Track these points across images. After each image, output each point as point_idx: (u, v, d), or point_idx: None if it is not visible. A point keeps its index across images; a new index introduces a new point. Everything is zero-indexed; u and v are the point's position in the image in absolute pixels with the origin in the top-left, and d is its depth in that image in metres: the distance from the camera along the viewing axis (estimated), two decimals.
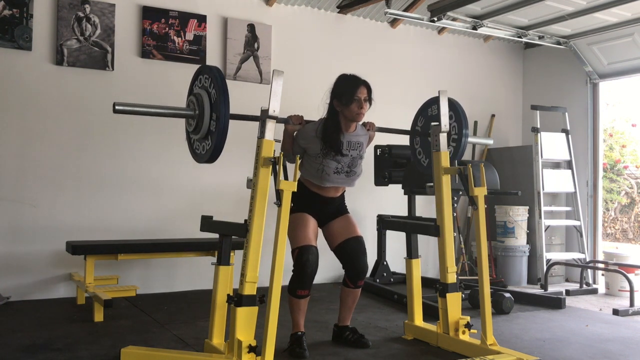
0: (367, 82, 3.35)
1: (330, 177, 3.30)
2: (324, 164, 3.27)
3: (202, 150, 2.92)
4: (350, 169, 3.36)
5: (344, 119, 3.32)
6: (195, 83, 2.98)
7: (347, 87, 3.30)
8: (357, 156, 3.39)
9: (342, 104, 3.29)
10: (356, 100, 3.27)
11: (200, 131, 2.86)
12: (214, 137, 2.78)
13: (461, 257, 5.98)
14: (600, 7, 5.05)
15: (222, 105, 2.74)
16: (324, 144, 3.26)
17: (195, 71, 3.01)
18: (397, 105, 6.14)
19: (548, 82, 6.72)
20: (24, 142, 4.53)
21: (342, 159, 3.31)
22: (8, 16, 4.46)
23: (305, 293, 3.23)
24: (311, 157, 3.30)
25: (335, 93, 3.34)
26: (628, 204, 10.40)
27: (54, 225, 4.58)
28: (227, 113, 2.75)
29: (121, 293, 4.07)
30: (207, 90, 2.85)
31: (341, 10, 5.82)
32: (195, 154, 3.00)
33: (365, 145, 3.46)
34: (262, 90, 5.26)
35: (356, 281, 3.40)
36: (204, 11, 5.20)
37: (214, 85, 2.79)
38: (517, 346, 3.42)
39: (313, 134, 3.28)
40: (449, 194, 3.45)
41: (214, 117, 2.78)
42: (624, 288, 5.10)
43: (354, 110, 3.28)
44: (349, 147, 3.33)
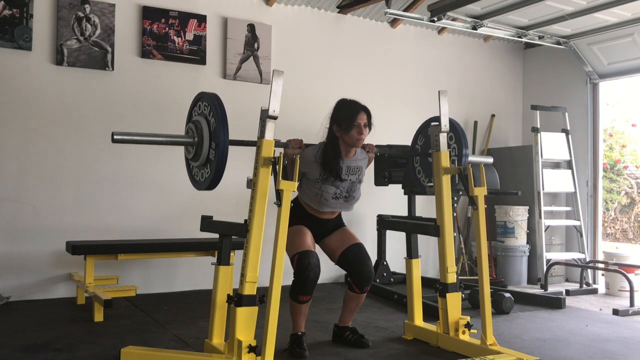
0: (366, 108, 3.35)
1: (328, 202, 3.31)
2: (322, 189, 3.28)
3: (201, 177, 2.94)
4: (349, 194, 3.37)
5: (344, 144, 3.32)
6: (194, 109, 3.00)
7: (347, 113, 3.30)
8: (356, 180, 3.40)
9: (342, 130, 3.29)
10: (356, 126, 3.27)
11: (199, 159, 2.88)
12: (213, 165, 2.81)
13: (461, 257, 5.98)
14: (600, 7, 5.05)
15: (222, 134, 2.76)
16: (323, 169, 3.26)
17: (194, 98, 3.03)
18: (397, 106, 6.15)
19: (548, 82, 6.72)
20: (24, 142, 4.53)
21: (341, 184, 3.32)
22: (8, 16, 4.46)
23: (307, 298, 3.23)
24: (310, 182, 3.31)
25: (335, 119, 3.33)
26: (628, 204, 10.41)
27: (54, 225, 4.58)
28: (227, 142, 2.77)
29: (121, 293, 4.07)
30: (206, 117, 2.87)
31: (341, 10, 5.82)
32: (195, 180, 3.03)
33: (365, 168, 3.47)
34: (262, 90, 5.27)
35: (363, 287, 3.38)
36: (204, 11, 5.20)
37: (213, 114, 2.80)
38: (517, 346, 3.42)
39: (312, 159, 3.28)
40: (449, 194, 3.45)
41: (213, 146, 2.81)
42: (624, 288, 5.10)
43: (354, 137, 3.28)
44: (348, 172, 3.34)
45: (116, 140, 2.70)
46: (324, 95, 5.77)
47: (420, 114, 6.08)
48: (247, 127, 5.03)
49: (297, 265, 3.17)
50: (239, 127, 5.21)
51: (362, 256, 3.37)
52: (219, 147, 2.76)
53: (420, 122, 3.92)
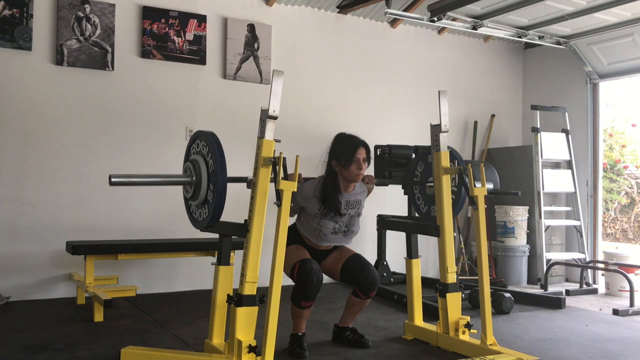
0: (365, 143, 3.36)
1: (327, 237, 3.33)
2: (321, 224, 3.30)
3: (199, 216, 2.95)
4: (348, 228, 3.38)
5: (343, 179, 3.33)
6: (192, 147, 3.00)
7: (346, 148, 3.30)
8: (355, 214, 3.40)
9: (341, 165, 3.30)
10: (355, 161, 3.28)
11: (198, 198, 2.89)
12: (211, 207, 2.82)
13: (461, 257, 5.98)
14: (600, 7, 5.05)
15: (220, 175, 2.76)
16: (322, 204, 3.27)
17: (192, 136, 3.04)
18: (397, 106, 6.16)
19: (548, 82, 6.72)
20: (24, 142, 4.53)
21: (340, 219, 3.33)
22: (8, 16, 4.46)
23: (309, 304, 3.22)
24: (309, 216, 3.32)
25: (334, 154, 3.34)
26: (628, 204, 10.40)
27: (54, 225, 4.58)
28: (225, 183, 2.77)
29: (121, 293, 4.07)
30: (204, 157, 2.88)
31: (341, 10, 5.82)
32: (194, 219, 3.04)
33: (364, 201, 3.47)
34: (262, 90, 5.27)
35: (368, 292, 3.37)
36: (204, 11, 5.20)
37: (211, 155, 2.81)
38: (517, 346, 3.42)
39: (311, 194, 3.29)
40: (449, 194, 3.45)
41: (211, 188, 2.82)
42: (624, 288, 5.09)
43: (354, 172, 3.29)
44: (347, 206, 3.35)
45: (113, 183, 2.70)
46: (324, 95, 5.79)
47: (420, 114, 6.12)
48: (247, 127, 5.04)
49: (299, 271, 3.16)
50: (239, 127, 5.24)
51: (363, 263, 3.38)
52: (217, 188, 2.78)
53: (420, 122, 3.92)
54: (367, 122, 5.94)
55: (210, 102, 5.22)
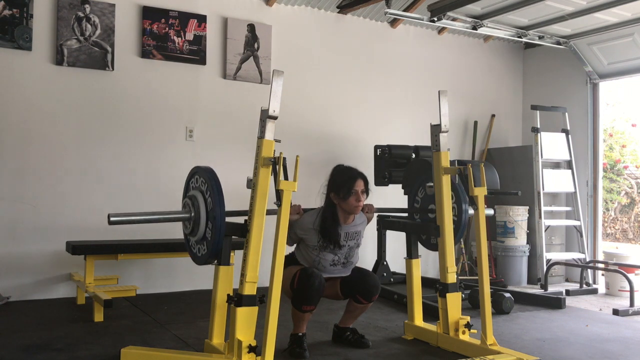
0: (363, 175, 3.37)
1: (326, 269, 3.33)
2: (320, 256, 3.30)
3: (199, 252, 2.97)
4: (347, 260, 3.39)
5: (342, 211, 3.33)
6: (191, 182, 3.02)
7: (344, 181, 3.31)
8: (354, 245, 3.41)
9: (340, 198, 3.30)
10: (354, 193, 3.28)
11: (197, 234, 2.91)
12: (209, 244, 2.84)
13: (461, 257, 5.98)
14: (600, 7, 5.05)
15: (218, 212, 2.78)
16: (321, 237, 3.27)
17: (190, 171, 3.06)
18: (397, 106, 6.16)
19: (548, 82, 6.72)
20: (24, 142, 4.53)
21: (339, 251, 3.34)
22: (8, 16, 4.46)
23: (310, 308, 3.21)
24: (308, 247, 3.32)
25: (333, 186, 3.34)
26: (628, 204, 10.40)
27: (54, 225, 4.58)
28: (223, 221, 2.79)
29: (121, 293, 4.07)
30: (202, 193, 2.89)
31: (341, 10, 5.82)
32: (193, 254, 3.05)
33: (364, 231, 3.48)
34: (262, 90, 5.27)
35: (370, 297, 3.37)
36: (204, 11, 5.20)
37: (210, 193, 2.82)
38: (517, 346, 3.42)
39: (310, 226, 3.29)
40: (449, 194, 3.45)
41: (209, 226, 2.83)
42: (624, 288, 5.09)
43: (352, 204, 3.29)
44: (346, 238, 3.35)
45: (112, 222, 2.71)
46: (324, 95, 5.79)
47: (420, 114, 6.12)
48: (247, 127, 5.04)
49: (300, 275, 3.16)
50: (239, 127, 5.24)
51: (363, 271, 3.41)
52: (215, 226, 2.79)
53: (420, 122, 3.92)
54: (367, 122, 5.95)
55: (210, 102, 5.22)
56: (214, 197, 2.80)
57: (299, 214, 3.31)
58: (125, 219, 2.76)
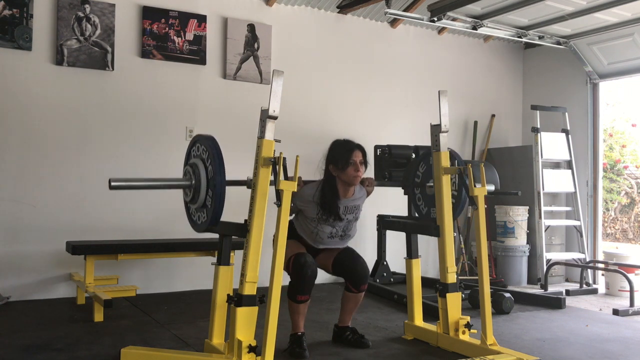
0: (361, 146, 3.38)
1: (324, 240, 3.35)
2: (318, 228, 3.32)
3: (199, 220, 2.96)
4: (345, 233, 3.41)
5: (342, 183, 3.34)
6: (192, 150, 3.01)
7: (342, 152, 3.32)
8: (353, 219, 3.43)
9: (339, 169, 3.31)
10: (352, 163, 3.29)
11: (197, 201, 2.90)
12: (210, 211, 2.83)
13: (461, 257, 5.98)
14: (600, 7, 5.05)
15: (219, 180, 2.77)
16: (321, 209, 3.29)
17: (192, 139, 3.05)
18: (397, 106, 6.16)
19: (548, 82, 6.72)
20: (24, 142, 4.53)
21: (338, 224, 3.35)
22: (8, 16, 4.46)
23: (305, 298, 3.23)
24: (307, 219, 3.34)
25: (331, 159, 3.36)
26: (628, 204, 10.40)
27: (54, 225, 4.58)
28: (223, 189, 2.78)
29: (121, 293, 4.07)
30: (203, 161, 2.88)
31: (341, 10, 5.82)
32: (193, 222, 3.05)
33: (362, 204, 3.49)
34: (262, 90, 5.27)
35: (359, 285, 3.39)
36: (204, 11, 5.20)
37: (210, 160, 2.81)
38: (517, 346, 3.42)
39: (310, 199, 3.31)
40: (449, 194, 3.45)
41: (209, 193, 2.82)
42: (624, 288, 5.09)
43: (351, 174, 3.30)
44: (345, 211, 3.37)
45: (113, 187, 2.70)
46: (324, 95, 5.79)
47: (420, 114, 6.11)
48: (247, 127, 5.04)
49: (294, 264, 3.19)
50: (239, 127, 5.23)
51: (353, 256, 3.41)
52: (215, 193, 2.78)
53: (420, 122, 3.92)
54: (367, 122, 5.94)
55: (210, 102, 5.22)
56: (215, 164, 2.79)
57: (299, 185, 3.30)
58: (125, 185, 2.76)
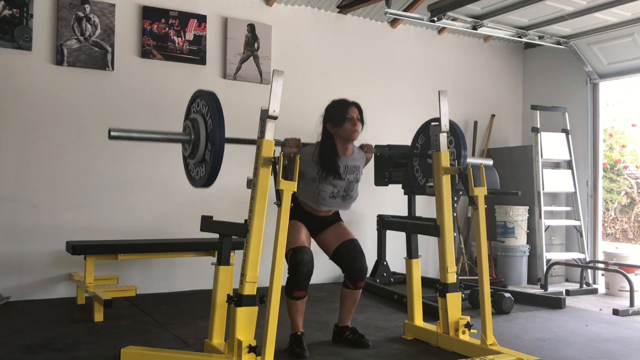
0: (357, 103, 3.39)
1: (326, 201, 3.32)
2: (320, 188, 3.29)
3: (197, 175, 2.95)
4: (347, 193, 3.38)
5: (340, 140, 3.34)
6: (192, 106, 3.00)
7: (339, 109, 3.34)
8: (354, 180, 3.40)
9: (336, 125, 3.31)
10: (349, 119, 3.30)
11: (196, 156, 2.89)
12: (208, 165, 2.81)
13: (461, 257, 5.98)
14: (600, 7, 5.05)
15: (218, 135, 2.76)
16: (321, 168, 3.27)
17: (192, 95, 3.03)
18: (397, 106, 6.16)
19: (548, 82, 6.72)
20: (24, 142, 4.53)
21: (339, 183, 3.32)
22: (8, 16, 4.46)
23: (301, 294, 3.23)
24: (308, 181, 3.32)
25: (328, 117, 3.37)
26: (628, 204, 10.41)
27: (54, 225, 4.58)
28: (222, 144, 2.77)
29: (121, 293, 4.07)
30: (203, 116, 2.87)
31: (341, 10, 5.82)
32: (191, 177, 3.03)
33: (362, 168, 3.48)
34: (262, 90, 5.27)
35: (356, 282, 3.40)
36: (204, 11, 5.20)
37: (210, 114, 2.80)
38: (517, 346, 3.42)
39: (310, 158, 3.30)
40: (449, 194, 3.45)
41: (209, 147, 2.81)
42: (624, 288, 5.09)
43: (348, 129, 3.30)
44: (345, 171, 3.35)
45: (113, 137, 2.70)
46: (324, 95, 5.74)
47: (420, 114, 6.08)
48: (247, 127, 5.04)
49: (291, 260, 3.19)
50: (239, 127, 5.21)
51: (355, 252, 3.39)
52: (214, 148, 2.76)
53: (420, 122, 3.92)
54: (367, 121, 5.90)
55: None
56: (215, 119, 2.78)
57: (298, 147, 3.30)
58: (125, 135, 2.75)
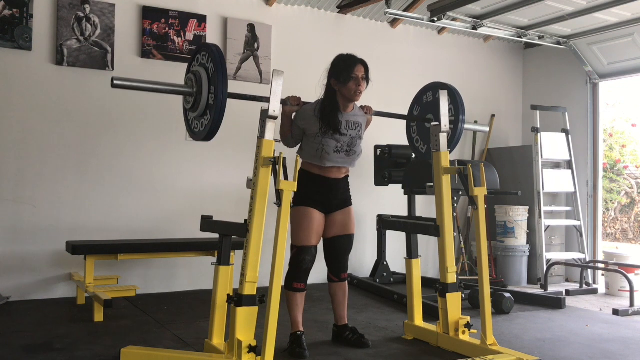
0: (364, 61, 3.35)
1: (330, 156, 3.29)
2: (323, 143, 3.27)
3: (201, 127, 2.91)
4: (350, 148, 3.35)
5: (342, 98, 3.33)
6: (193, 63, 2.98)
7: (345, 66, 3.31)
8: (356, 136, 3.38)
9: (340, 83, 3.30)
10: (354, 78, 3.28)
11: (198, 108, 2.86)
12: (212, 110, 2.78)
13: (461, 257, 5.98)
14: (600, 7, 5.05)
15: (220, 79, 2.73)
16: (322, 123, 3.26)
17: (194, 50, 3.00)
18: (397, 106, 6.13)
19: (548, 82, 6.72)
20: (24, 142, 4.53)
21: (341, 138, 3.30)
22: (8, 16, 4.46)
23: (301, 286, 3.26)
24: (310, 138, 3.30)
25: (333, 72, 3.35)
26: (628, 204, 10.40)
27: (54, 225, 4.58)
28: (225, 85, 2.75)
29: (121, 293, 4.07)
30: (205, 67, 2.85)
31: (341, 10, 5.82)
32: (193, 132, 3.00)
33: (364, 127, 3.46)
34: (262, 90, 5.26)
35: (339, 274, 3.46)
36: (204, 11, 5.20)
37: (212, 60, 2.78)
38: (517, 346, 3.42)
39: (311, 114, 3.29)
40: (449, 194, 3.45)
41: (212, 90, 2.78)
42: (624, 288, 5.10)
43: (352, 89, 3.29)
44: (347, 126, 3.33)
45: (116, 85, 2.68)
46: None
47: None
48: (247, 127, 5.04)
49: (294, 257, 3.24)
50: (239, 127, 5.23)
51: (346, 250, 3.46)
52: (217, 91, 2.74)
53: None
54: None
55: None
56: (217, 64, 2.75)
57: (298, 105, 3.29)
58: (128, 84, 2.74)
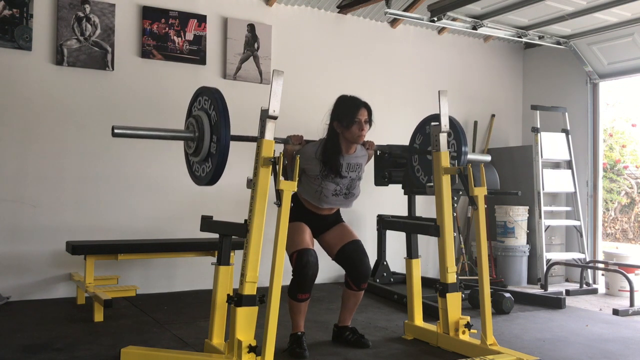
0: (367, 104, 3.35)
1: (328, 199, 3.31)
2: (322, 185, 3.28)
3: (202, 172, 2.93)
4: (349, 191, 3.37)
5: (345, 140, 3.32)
6: (194, 105, 2.99)
7: (348, 109, 3.29)
8: (356, 177, 3.40)
9: (343, 126, 3.29)
10: (357, 122, 3.27)
11: (200, 153, 2.87)
12: (214, 159, 2.80)
13: (461, 257, 5.98)
14: (600, 7, 5.05)
15: (223, 127, 2.75)
16: (323, 166, 3.26)
17: (194, 93, 3.03)
18: (397, 106, 6.15)
19: (548, 82, 6.72)
20: (24, 142, 4.53)
21: (341, 181, 3.32)
22: (8, 16, 4.46)
23: (305, 297, 3.23)
24: (310, 178, 3.31)
25: (336, 115, 3.33)
26: (628, 204, 10.40)
27: (54, 225, 4.58)
28: (228, 134, 2.76)
29: (121, 293, 4.07)
30: (206, 112, 2.86)
31: (341, 10, 5.82)
32: (195, 176, 3.02)
33: (364, 165, 3.47)
34: (262, 90, 5.27)
35: (360, 284, 3.38)
36: (204, 11, 5.20)
37: (214, 107, 2.80)
38: (517, 346, 3.42)
39: (313, 155, 3.29)
40: (449, 194, 3.45)
41: (214, 139, 2.80)
42: (624, 288, 5.10)
43: (355, 133, 3.28)
44: (348, 168, 3.34)
45: (116, 134, 2.69)
46: (324, 95, 5.74)
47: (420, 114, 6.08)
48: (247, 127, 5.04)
49: (296, 263, 3.18)
50: (239, 128, 5.21)
51: (359, 253, 3.37)
52: (220, 140, 2.75)
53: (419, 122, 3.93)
54: None
55: None
56: (219, 111, 2.76)
57: (300, 144, 3.29)
58: (128, 132, 2.74)
